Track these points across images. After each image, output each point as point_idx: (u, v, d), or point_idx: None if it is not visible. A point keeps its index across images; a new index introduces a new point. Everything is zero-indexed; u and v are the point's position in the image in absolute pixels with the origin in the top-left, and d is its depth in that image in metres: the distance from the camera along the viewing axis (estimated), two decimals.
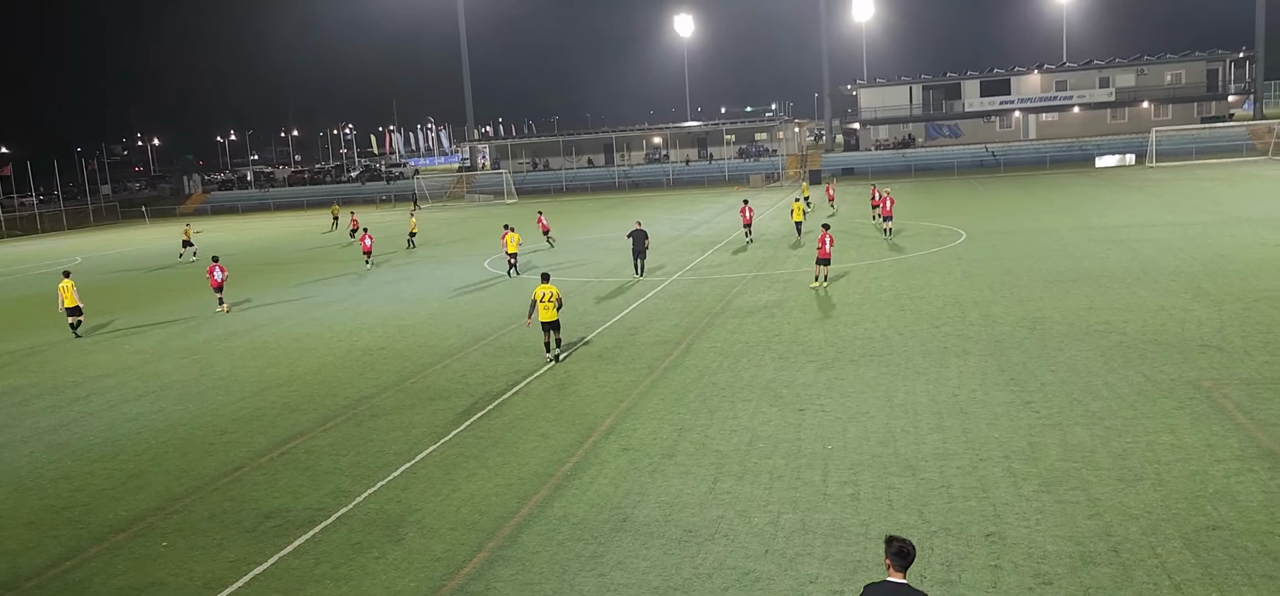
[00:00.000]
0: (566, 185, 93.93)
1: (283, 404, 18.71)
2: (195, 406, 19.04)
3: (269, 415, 17.96)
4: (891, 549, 6.63)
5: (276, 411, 18.19)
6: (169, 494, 14.04)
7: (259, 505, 13.28)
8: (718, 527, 11.34)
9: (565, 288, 30.70)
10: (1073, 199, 49.20)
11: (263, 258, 48.69)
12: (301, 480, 14.17)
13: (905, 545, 6.63)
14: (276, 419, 17.65)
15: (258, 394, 19.67)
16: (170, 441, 16.72)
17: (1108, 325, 20.01)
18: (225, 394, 19.89)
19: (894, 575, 6.63)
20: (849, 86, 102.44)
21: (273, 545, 11.85)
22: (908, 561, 6.61)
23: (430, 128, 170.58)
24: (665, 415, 15.96)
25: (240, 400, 19.27)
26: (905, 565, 6.61)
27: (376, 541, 11.73)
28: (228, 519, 12.89)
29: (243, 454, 15.68)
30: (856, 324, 21.96)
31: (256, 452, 15.68)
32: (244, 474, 14.68)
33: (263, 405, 18.74)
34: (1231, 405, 14.31)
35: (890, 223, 38.96)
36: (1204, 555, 9.74)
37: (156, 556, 11.85)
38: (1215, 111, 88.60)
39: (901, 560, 6.61)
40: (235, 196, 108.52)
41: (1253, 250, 28.33)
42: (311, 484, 13.97)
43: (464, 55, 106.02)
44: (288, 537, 12.04)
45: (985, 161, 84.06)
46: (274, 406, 18.57)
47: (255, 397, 19.37)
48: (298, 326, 27.34)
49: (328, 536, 12.02)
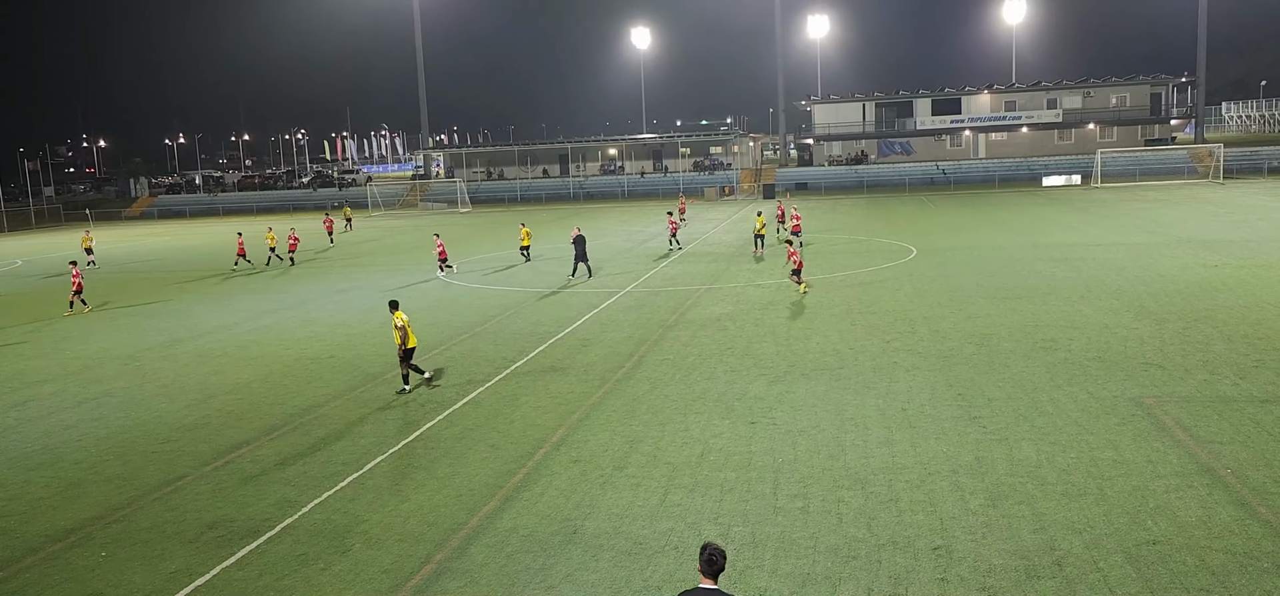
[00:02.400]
0: (521, 195, 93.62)
1: (228, 412, 18.36)
2: (137, 414, 18.61)
3: (213, 424, 17.61)
4: (702, 556, 6.83)
5: (221, 420, 17.84)
6: (108, 503, 13.69)
7: (201, 515, 13.00)
8: (668, 540, 11.32)
9: (520, 296, 30.57)
10: (1020, 217, 50.10)
11: (208, 265, 47.82)
12: (246, 490, 13.90)
13: (714, 553, 6.82)
14: (221, 427, 17.31)
15: (202, 402, 19.28)
16: (110, 450, 16.32)
17: (1053, 342, 20.37)
18: (168, 402, 19.47)
19: (705, 582, 6.81)
20: (803, 102, 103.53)
21: (215, 556, 11.59)
22: (716, 569, 6.80)
23: (384, 135, 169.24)
24: (617, 427, 15.92)
25: (184, 408, 18.87)
26: (714, 572, 6.80)
27: (322, 552, 11.53)
28: (169, 529, 12.60)
29: (185, 463, 15.34)
30: (808, 338, 22.12)
31: (200, 462, 15.36)
32: (186, 483, 14.36)
33: (207, 413, 18.37)
34: (1172, 422, 14.62)
35: (798, 238, 39.20)
36: (1144, 569, 9.93)
37: (95, 567, 11.54)
38: (1158, 134, 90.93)
39: (710, 567, 6.80)
40: (183, 201, 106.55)
41: (1193, 270, 29.05)
42: (256, 494, 13.71)
43: (419, 62, 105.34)
44: (231, 548, 11.79)
45: (936, 179, 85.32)
46: (219, 415, 18.22)
47: (199, 406, 18.99)
48: (245, 334, 26.88)
49: (272, 547, 11.79)
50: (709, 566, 6.80)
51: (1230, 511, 11.20)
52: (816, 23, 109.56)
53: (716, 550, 6.84)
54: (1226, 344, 19.39)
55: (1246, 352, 18.61)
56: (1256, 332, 20.25)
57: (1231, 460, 12.85)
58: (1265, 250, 32.65)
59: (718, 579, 6.85)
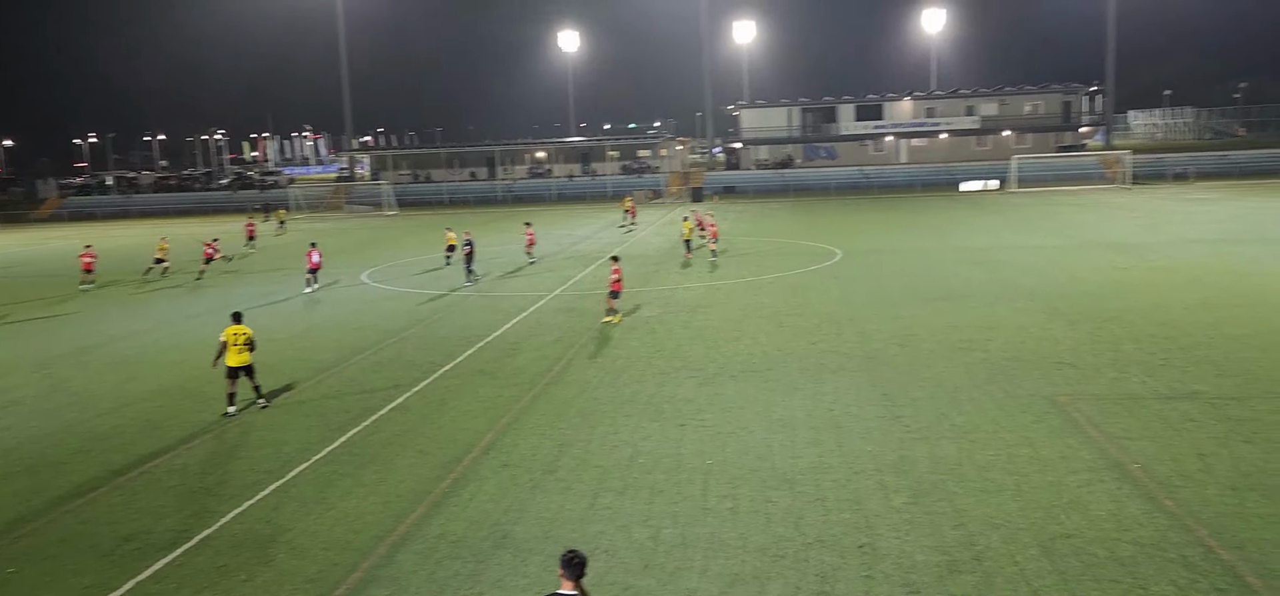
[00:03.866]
0: (449, 198, 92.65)
1: (144, 420, 17.81)
2: (47, 423, 17.94)
3: (129, 432, 17.07)
4: (562, 559, 7.03)
5: (137, 428, 17.30)
6: (16, 516, 13.18)
7: (116, 527, 12.60)
8: (598, 543, 11.34)
9: (447, 300, 30.28)
10: (941, 221, 51.32)
11: (123, 268, 46.30)
12: (164, 500, 13.51)
13: (574, 556, 7.03)
14: (137, 436, 16.79)
15: (117, 410, 18.68)
16: (18, 461, 15.70)
17: (972, 342, 20.93)
18: (81, 410, 18.82)
19: (566, 585, 6.99)
20: (731, 107, 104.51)
21: (130, 569, 11.25)
22: (577, 571, 6.99)
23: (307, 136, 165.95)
24: (546, 431, 15.88)
25: (97, 416, 18.26)
26: (575, 575, 6.99)
27: (244, 563, 11.27)
28: (81, 542, 12.18)
29: (99, 473, 14.84)
30: (736, 340, 22.35)
31: (114, 471, 14.87)
32: (100, 495, 13.90)
33: (122, 421, 17.80)
34: (1084, 419, 15.15)
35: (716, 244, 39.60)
36: (1059, 561, 10.28)
37: (2, 583, 11.10)
38: (1070, 141, 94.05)
39: (571, 570, 7.00)
40: (94, 202, 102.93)
41: (1103, 273, 30.11)
42: (174, 504, 13.34)
43: (343, 62, 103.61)
44: (147, 560, 11.46)
45: (860, 183, 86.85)
46: (135, 423, 17.67)
47: (114, 414, 18.39)
48: (163, 339, 26.10)
49: (191, 559, 11.49)
50: (569, 568, 6.97)
51: (1139, 504, 11.66)
52: (743, 28, 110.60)
53: (575, 553, 7.04)
54: (1135, 343, 20.15)
55: (1153, 351, 19.37)
56: (1162, 332, 21.08)
57: (1139, 455, 13.37)
58: (1171, 253, 34.01)
59: (579, 582, 7.00)
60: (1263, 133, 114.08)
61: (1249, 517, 11.18)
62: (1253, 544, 10.51)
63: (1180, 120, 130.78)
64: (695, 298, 28.94)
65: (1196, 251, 34.08)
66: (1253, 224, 42.61)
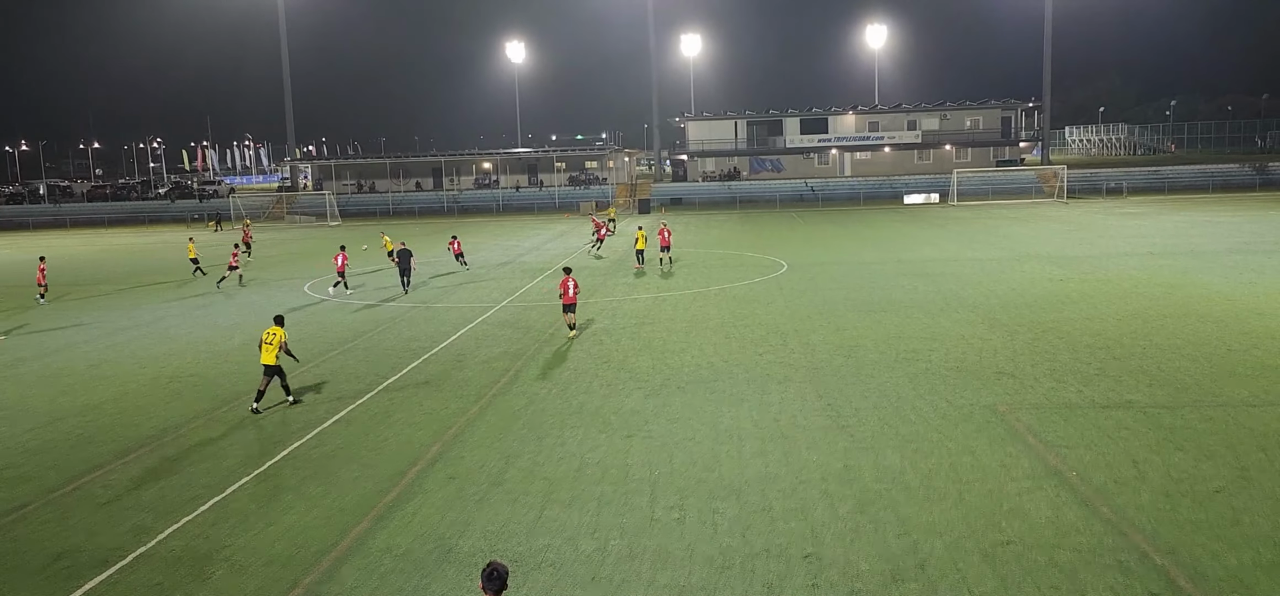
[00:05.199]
0: (393, 208, 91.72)
1: (77, 435, 17.32)
2: None
3: (61, 447, 16.58)
4: (483, 573, 7.01)
5: (69, 443, 16.82)
6: None
7: (47, 545, 12.22)
8: (545, 556, 11.27)
9: (393, 311, 29.93)
10: (884, 233, 52.06)
11: (55, 278, 45.04)
12: (97, 517, 13.14)
13: (495, 568, 7.01)
14: (69, 451, 16.31)
15: (48, 424, 18.13)
16: None
17: (915, 353, 21.24)
18: (10, 425, 18.23)
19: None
20: (678, 119, 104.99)
21: (61, 588, 10.92)
22: (497, 583, 6.99)
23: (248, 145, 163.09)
24: (493, 443, 15.76)
25: (28, 431, 17.71)
26: (496, 588, 6.98)
27: (181, 581, 11.00)
28: (10, 562, 11.79)
29: (29, 490, 14.39)
30: (683, 351, 22.41)
31: (45, 488, 14.43)
32: (30, 511, 13.48)
33: (54, 436, 17.29)
34: (1023, 428, 15.45)
35: (668, 252, 40.03)
36: (1000, 567, 10.46)
37: None
38: (1009, 156, 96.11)
39: (491, 583, 6.99)
40: (25, 212, 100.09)
41: (1040, 284, 30.78)
42: (108, 521, 12.98)
43: (285, 70, 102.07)
44: (79, 579, 11.13)
45: (805, 196, 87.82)
46: (67, 438, 17.17)
47: (45, 428, 17.85)
48: (95, 352, 25.43)
49: (125, 577, 11.18)
50: (490, 581, 6.94)
51: (1076, 511, 11.92)
52: (690, 41, 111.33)
53: (496, 565, 7.00)
54: (1071, 353, 20.62)
55: (1089, 361, 19.83)
56: (1098, 343, 21.60)
57: (1076, 463, 13.67)
58: (1105, 265, 34.89)
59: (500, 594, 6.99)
60: (1192, 149, 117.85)
61: (1181, 523, 11.48)
62: (1185, 548, 10.79)
63: (1114, 136, 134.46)
64: (643, 309, 28.97)
65: (1129, 264, 35.01)
66: (1182, 237, 43.91)
